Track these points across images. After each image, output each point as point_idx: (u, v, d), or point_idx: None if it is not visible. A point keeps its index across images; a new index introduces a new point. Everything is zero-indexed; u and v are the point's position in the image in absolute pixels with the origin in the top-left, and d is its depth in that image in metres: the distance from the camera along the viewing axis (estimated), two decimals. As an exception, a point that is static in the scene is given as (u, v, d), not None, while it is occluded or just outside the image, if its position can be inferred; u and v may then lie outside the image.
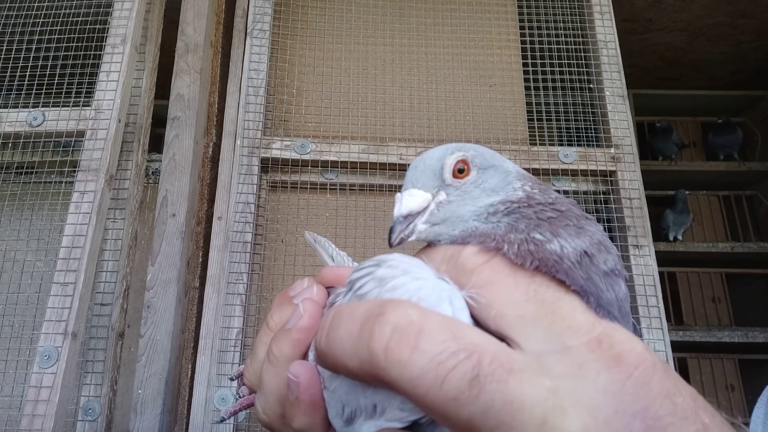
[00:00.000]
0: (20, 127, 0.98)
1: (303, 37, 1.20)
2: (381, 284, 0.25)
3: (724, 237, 2.47)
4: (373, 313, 0.22)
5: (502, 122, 1.17)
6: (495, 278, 0.24)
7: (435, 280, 0.25)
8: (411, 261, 0.26)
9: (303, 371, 0.28)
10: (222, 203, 1.02)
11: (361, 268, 0.27)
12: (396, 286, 0.24)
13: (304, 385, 0.27)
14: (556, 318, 0.22)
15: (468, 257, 0.25)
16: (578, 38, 1.19)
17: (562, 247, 0.25)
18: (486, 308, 0.23)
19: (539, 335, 0.22)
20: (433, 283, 0.25)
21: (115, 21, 1.03)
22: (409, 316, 0.22)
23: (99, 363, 0.92)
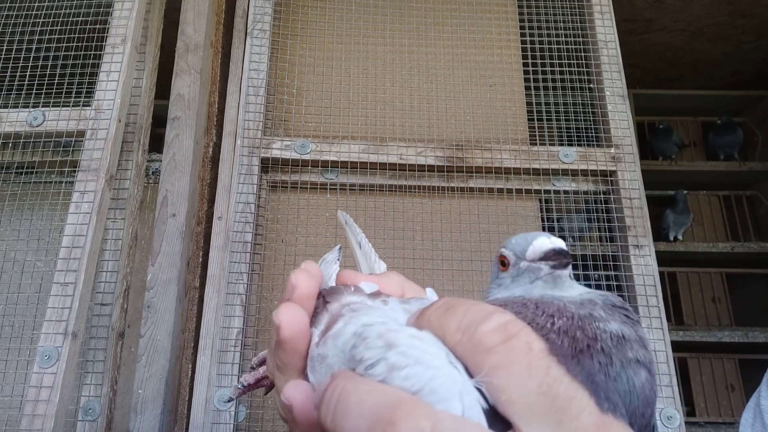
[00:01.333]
0: (20, 127, 0.98)
1: (303, 37, 1.20)
2: (392, 370, 0.25)
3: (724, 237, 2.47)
4: (384, 416, 0.22)
5: (502, 122, 1.17)
6: (510, 362, 0.23)
7: (447, 370, 0.24)
8: (422, 346, 0.26)
9: (296, 395, 0.28)
10: (222, 203, 1.02)
11: (370, 347, 0.27)
12: (408, 376, 0.24)
13: (298, 409, 0.28)
14: (565, 417, 0.22)
15: (485, 335, 0.24)
16: (578, 38, 1.19)
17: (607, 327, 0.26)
18: (498, 391, 0.23)
19: (546, 430, 0.22)
20: (446, 373, 0.24)
21: (115, 21, 1.03)
22: (421, 429, 0.21)
23: (99, 363, 0.92)
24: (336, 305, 0.31)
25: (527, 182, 1.10)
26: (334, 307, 0.31)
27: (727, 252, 2.26)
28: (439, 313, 0.27)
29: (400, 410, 0.22)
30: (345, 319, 0.30)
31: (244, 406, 0.94)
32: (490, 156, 1.09)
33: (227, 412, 0.90)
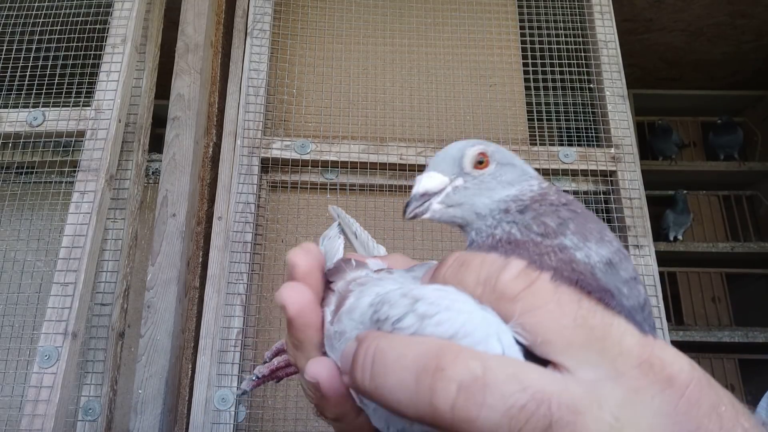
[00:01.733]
0: (20, 127, 0.98)
1: (303, 37, 1.20)
2: (422, 320, 0.24)
3: (724, 237, 2.47)
4: (430, 364, 0.22)
5: (502, 122, 1.17)
6: (539, 304, 0.23)
7: (480, 313, 0.24)
8: (448, 295, 0.25)
9: (321, 371, 0.27)
10: (222, 203, 1.02)
11: (395, 305, 0.26)
12: (440, 321, 0.24)
13: (326, 385, 0.27)
14: (607, 344, 0.22)
15: (508, 284, 0.24)
16: (578, 38, 1.19)
17: (589, 257, 0.25)
18: (533, 335, 0.23)
19: (591, 362, 0.22)
20: (479, 317, 0.24)
21: (115, 21, 1.03)
22: (472, 372, 0.21)
23: (99, 363, 0.92)
24: (341, 283, 0.31)
25: (527, 182, 1.10)
26: (340, 285, 0.30)
27: (727, 252, 2.26)
28: (454, 270, 0.26)
29: (445, 356, 0.22)
30: (355, 294, 0.29)
31: (244, 406, 0.94)
32: (490, 156, 1.09)
33: (227, 412, 0.90)
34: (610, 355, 0.22)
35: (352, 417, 0.28)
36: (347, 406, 0.28)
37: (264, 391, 0.98)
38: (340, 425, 0.29)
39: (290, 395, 0.98)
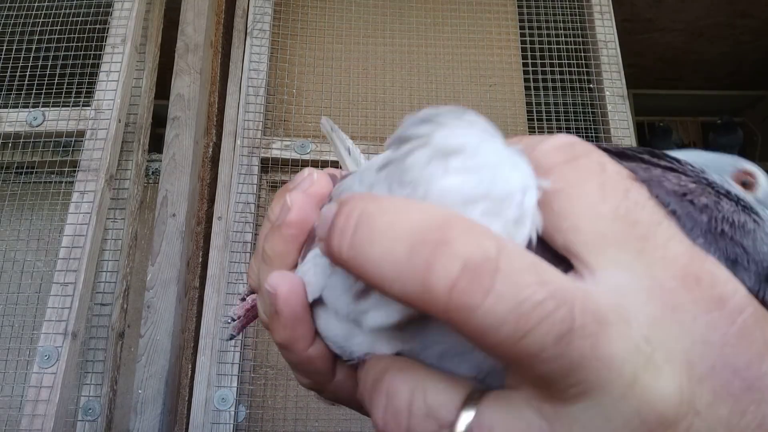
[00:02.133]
0: (20, 127, 0.98)
1: (303, 37, 1.20)
2: (437, 158, 0.19)
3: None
4: (430, 236, 0.17)
5: (502, 122, 1.17)
6: (578, 182, 0.19)
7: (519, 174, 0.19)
8: (485, 127, 0.21)
9: (282, 282, 0.24)
10: (222, 203, 1.02)
11: (411, 124, 0.21)
12: (467, 167, 0.19)
13: (283, 298, 0.23)
14: (648, 245, 0.18)
15: (547, 152, 0.20)
16: (578, 38, 1.19)
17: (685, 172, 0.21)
18: (558, 217, 0.18)
19: (623, 263, 0.18)
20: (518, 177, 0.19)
21: (115, 21, 1.03)
22: (485, 251, 0.16)
23: (99, 363, 0.92)
24: None
25: (527, 182, 1.10)
26: None
27: (727, 252, 2.25)
28: None
29: (453, 228, 0.17)
30: (354, 173, 0.26)
31: (244, 406, 0.94)
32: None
33: (227, 412, 0.90)
34: (649, 258, 0.18)
35: (302, 346, 0.25)
36: (298, 332, 0.24)
37: (264, 391, 0.98)
38: (287, 353, 0.25)
39: (290, 395, 0.98)
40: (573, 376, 0.16)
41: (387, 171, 0.21)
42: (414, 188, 0.19)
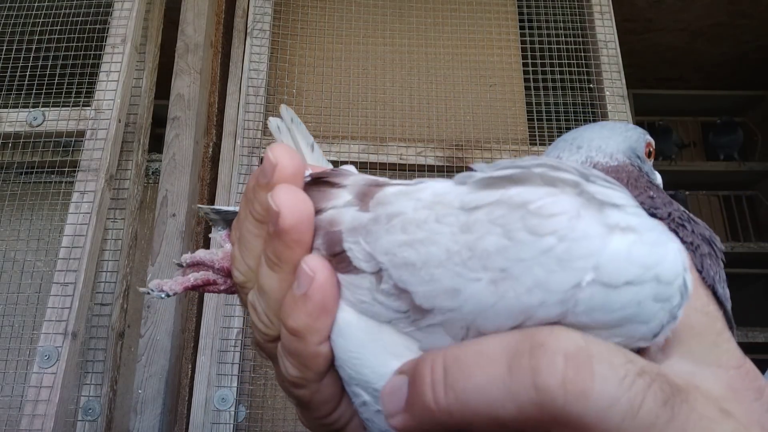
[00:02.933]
0: (20, 127, 0.98)
1: (303, 37, 1.20)
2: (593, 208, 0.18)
3: (724, 237, 2.46)
4: (523, 347, 0.18)
5: (502, 122, 1.17)
6: None
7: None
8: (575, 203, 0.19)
9: (321, 268, 0.23)
10: (222, 203, 1.02)
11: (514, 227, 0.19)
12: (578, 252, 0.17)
13: (320, 283, 0.23)
14: (719, 338, 0.22)
15: None
16: (578, 38, 1.19)
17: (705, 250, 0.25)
18: None
19: (700, 351, 0.21)
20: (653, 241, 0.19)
21: (115, 21, 1.03)
22: (575, 342, 0.18)
23: (99, 363, 0.92)
24: (359, 177, 0.25)
25: (527, 182, 1.10)
26: (358, 178, 0.24)
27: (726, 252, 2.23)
28: None
29: (538, 333, 0.18)
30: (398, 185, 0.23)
31: (244, 406, 0.94)
32: (490, 156, 1.09)
33: (227, 412, 0.90)
34: (719, 349, 0.21)
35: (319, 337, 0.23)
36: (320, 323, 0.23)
37: (264, 391, 0.98)
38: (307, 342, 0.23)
39: (290, 395, 0.98)
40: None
41: (494, 212, 0.19)
42: (560, 239, 0.17)
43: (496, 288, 0.18)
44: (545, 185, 0.19)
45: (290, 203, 0.23)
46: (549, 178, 0.19)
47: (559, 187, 0.18)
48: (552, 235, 0.17)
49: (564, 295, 0.17)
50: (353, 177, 0.25)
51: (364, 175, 0.25)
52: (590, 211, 0.18)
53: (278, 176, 0.24)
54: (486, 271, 0.18)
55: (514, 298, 0.18)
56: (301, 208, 0.23)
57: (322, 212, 0.24)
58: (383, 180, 0.24)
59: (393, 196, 0.22)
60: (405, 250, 0.20)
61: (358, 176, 0.25)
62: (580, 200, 0.18)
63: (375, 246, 0.21)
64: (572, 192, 0.18)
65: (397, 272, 0.20)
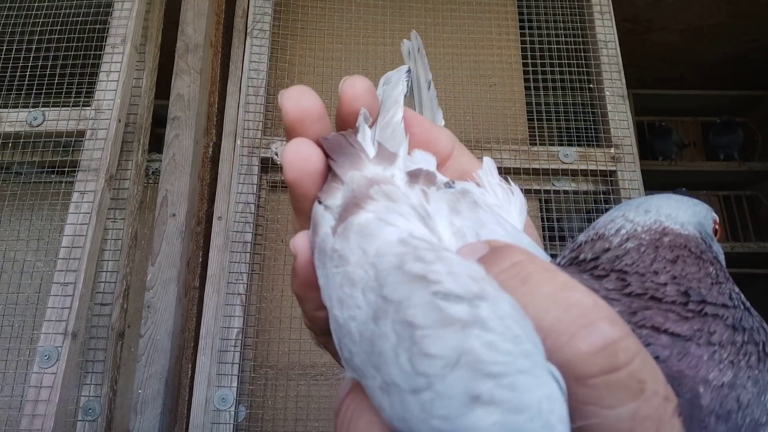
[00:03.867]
0: (20, 127, 0.98)
1: (303, 37, 1.20)
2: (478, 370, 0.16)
3: (724, 237, 2.46)
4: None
5: (502, 122, 1.17)
6: (613, 403, 0.16)
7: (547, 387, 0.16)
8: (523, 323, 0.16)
9: (302, 250, 0.23)
10: (222, 203, 1.02)
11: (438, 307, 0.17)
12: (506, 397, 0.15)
13: (300, 263, 0.23)
14: None
15: (584, 356, 0.16)
16: (578, 38, 1.19)
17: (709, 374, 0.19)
18: None
19: None
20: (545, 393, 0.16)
21: (115, 21, 1.03)
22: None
23: (99, 363, 0.92)
24: (358, 176, 0.22)
25: (527, 182, 1.10)
26: (356, 178, 0.22)
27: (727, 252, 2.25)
28: (512, 285, 0.18)
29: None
30: (377, 208, 0.20)
31: (244, 406, 0.94)
32: (490, 156, 1.09)
33: (227, 412, 0.90)
34: None
35: (312, 306, 0.24)
36: (308, 294, 0.24)
37: (264, 391, 0.98)
38: (303, 305, 0.25)
39: (290, 395, 0.98)
40: None
41: (396, 316, 0.17)
42: (430, 387, 0.16)
43: (382, 394, 0.17)
44: (439, 313, 0.16)
45: (290, 158, 0.22)
46: (441, 308, 0.17)
47: (446, 319, 0.16)
48: (423, 377, 0.16)
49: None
50: (355, 173, 0.22)
51: (373, 166, 0.22)
52: (464, 371, 0.16)
53: (284, 120, 0.23)
54: (378, 373, 0.17)
55: (389, 417, 0.17)
56: (299, 164, 0.22)
57: (320, 203, 0.22)
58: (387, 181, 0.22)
59: (355, 231, 0.20)
60: (337, 307, 0.20)
61: (362, 173, 0.22)
62: (462, 349, 0.16)
63: (325, 284, 0.21)
64: (457, 335, 0.16)
65: (332, 322, 0.20)
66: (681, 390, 0.18)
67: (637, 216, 0.23)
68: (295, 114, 0.23)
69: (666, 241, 0.22)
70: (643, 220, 0.23)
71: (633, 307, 0.20)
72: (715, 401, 0.18)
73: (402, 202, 0.20)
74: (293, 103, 0.23)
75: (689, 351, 0.19)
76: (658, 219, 0.23)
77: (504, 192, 0.25)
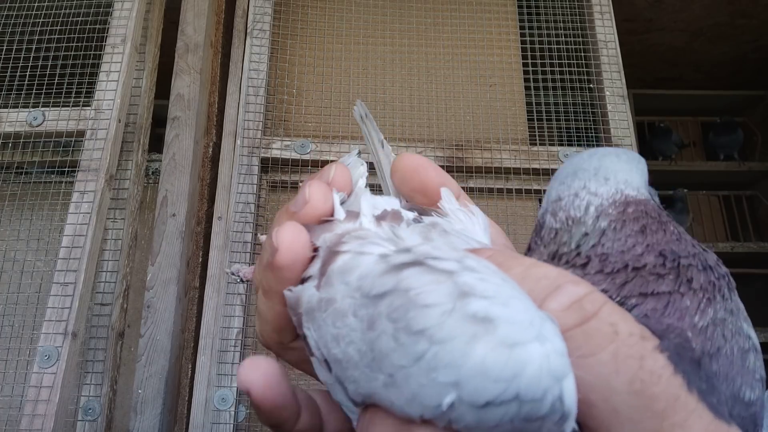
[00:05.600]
0: (20, 127, 0.98)
1: (303, 37, 1.20)
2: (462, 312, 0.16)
3: (724, 237, 2.47)
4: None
5: (502, 122, 1.17)
6: (590, 351, 0.17)
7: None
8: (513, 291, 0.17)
9: (253, 377, 0.22)
10: (222, 203, 1.02)
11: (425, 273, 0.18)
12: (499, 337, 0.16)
13: (258, 393, 0.22)
14: (666, 424, 0.16)
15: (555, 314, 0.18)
16: (578, 38, 1.19)
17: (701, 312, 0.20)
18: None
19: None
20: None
21: (115, 21, 1.03)
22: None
23: (99, 363, 0.92)
24: (330, 235, 0.23)
25: (527, 182, 1.10)
26: (329, 237, 0.23)
27: (726, 252, 2.26)
28: None
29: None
30: (351, 246, 0.21)
31: (243, 406, 0.94)
32: (490, 156, 1.09)
33: (227, 412, 0.90)
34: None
35: (291, 424, 0.23)
36: (284, 414, 0.23)
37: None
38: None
39: (290, 395, 0.98)
40: None
41: (390, 305, 0.18)
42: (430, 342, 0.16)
43: (388, 392, 0.17)
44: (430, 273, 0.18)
45: (288, 241, 0.22)
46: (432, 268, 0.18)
47: (437, 275, 0.18)
48: (423, 335, 0.16)
49: (437, 411, 0.16)
50: (327, 234, 0.23)
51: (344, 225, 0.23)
52: (461, 304, 0.17)
53: (304, 214, 0.24)
54: (381, 372, 0.18)
55: (400, 407, 0.17)
56: (297, 250, 0.23)
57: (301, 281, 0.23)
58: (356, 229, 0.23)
59: (336, 274, 0.21)
60: (334, 346, 0.20)
61: (333, 232, 0.23)
62: (456, 291, 0.17)
63: (318, 335, 0.21)
64: (448, 282, 0.17)
65: (334, 366, 0.20)
66: (669, 336, 0.19)
67: (599, 186, 0.24)
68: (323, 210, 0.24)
69: (630, 212, 0.23)
70: (606, 191, 0.24)
71: (618, 282, 0.21)
72: (705, 342, 0.19)
73: (374, 237, 0.21)
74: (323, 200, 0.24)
75: (673, 304, 0.20)
76: (618, 188, 0.24)
77: (465, 215, 0.26)
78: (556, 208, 0.24)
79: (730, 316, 0.20)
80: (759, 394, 0.20)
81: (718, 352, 0.19)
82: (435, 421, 0.17)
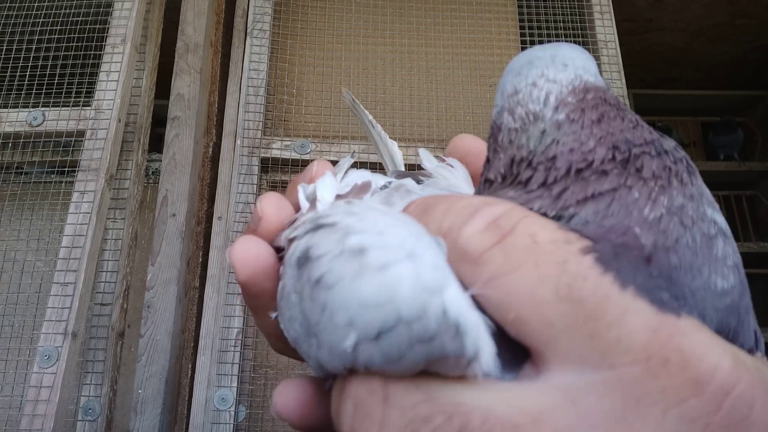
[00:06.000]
0: (20, 127, 0.98)
1: (303, 37, 1.20)
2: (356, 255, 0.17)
3: (724, 237, 2.46)
4: None
5: (502, 122, 1.17)
6: (510, 267, 0.16)
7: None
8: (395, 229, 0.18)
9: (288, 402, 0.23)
10: (222, 203, 1.02)
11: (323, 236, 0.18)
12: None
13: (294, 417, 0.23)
14: (600, 325, 0.15)
15: (472, 239, 0.17)
16: (578, 38, 1.19)
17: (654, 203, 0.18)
18: (502, 310, 0.16)
19: (575, 352, 0.15)
20: None
21: (115, 21, 1.03)
22: (371, 388, 0.16)
23: (99, 363, 0.92)
24: (287, 230, 0.23)
25: (527, 182, 1.10)
26: (286, 232, 0.23)
27: (727, 252, 2.25)
28: (417, 214, 0.19)
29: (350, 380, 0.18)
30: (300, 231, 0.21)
31: (244, 406, 0.94)
32: (490, 156, 1.09)
33: (227, 412, 0.90)
34: (602, 342, 0.15)
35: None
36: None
37: (264, 391, 0.98)
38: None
39: (290, 395, 0.98)
40: None
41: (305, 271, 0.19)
42: (327, 288, 0.17)
43: (320, 354, 0.18)
44: (323, 229, 0.19)
45: (242, 258, 0.22)
46: (324, 225, 0.19)
47: (327, 229, 0.18)
48: (321, 284, 0.17)
49: (350, 357, 0.16)
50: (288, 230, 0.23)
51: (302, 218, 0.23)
52: (344, 245, 0.17)
53: (260, 230, 0.24)
54: (311, 337, 0.18)
55: (329, 364, 0.18)
56: (252, 264, 0.22)
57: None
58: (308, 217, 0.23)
59: (285, 264, 0.21)
60: (290, 328, 0.20)
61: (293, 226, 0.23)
62: (340, 236, 0.18)
63: (283, 324, 0.21)
64: (334, 230, 0.18)
65: (297, 348, 0.21)
66: (610, 237, 0.17)
67: (558, 73, 0.22)
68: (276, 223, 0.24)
69: (590, 99, 0.21)
70: (565, 77, 0.21)
71: (554, 194, 0.19)
72: (659, 235, 0.17)
73: (302, 218, 0.22)
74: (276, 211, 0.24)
75: (619, 200, 0.18)
76: (576, 73, 0.22)
77: (446, 170, 0.26)
78: (513, 103, 0.22)
79: (690, 202, 0.18)
80: (734, 281, 0.18)
81: (676, 243, 0.17)
82: (355, 368, 0.17)
